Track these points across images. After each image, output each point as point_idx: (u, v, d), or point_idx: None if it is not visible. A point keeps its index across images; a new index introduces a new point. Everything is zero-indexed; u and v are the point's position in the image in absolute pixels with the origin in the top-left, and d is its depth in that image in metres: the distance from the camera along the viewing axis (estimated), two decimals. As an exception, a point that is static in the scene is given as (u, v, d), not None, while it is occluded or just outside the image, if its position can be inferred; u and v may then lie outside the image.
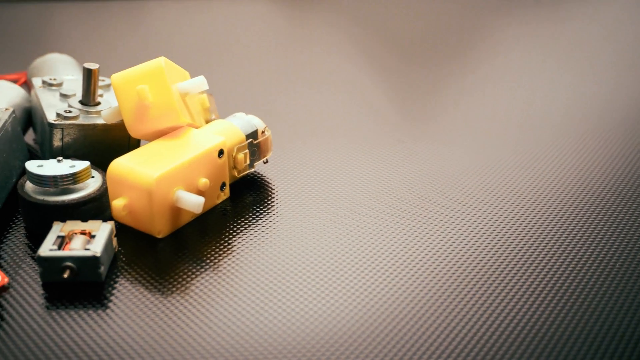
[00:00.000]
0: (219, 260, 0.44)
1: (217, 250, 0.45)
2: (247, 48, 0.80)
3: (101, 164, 0.50)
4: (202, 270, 0.43)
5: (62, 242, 0.42)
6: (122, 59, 0.76)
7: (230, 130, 0.49)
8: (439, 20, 0.90)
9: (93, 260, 0.41)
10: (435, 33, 0.85)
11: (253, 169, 0.51)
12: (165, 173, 0.44)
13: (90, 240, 0.42)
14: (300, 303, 0.40)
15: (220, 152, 0.47)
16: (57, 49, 0.78)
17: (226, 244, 0.46)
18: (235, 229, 0.47)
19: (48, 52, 0.65)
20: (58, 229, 0.43)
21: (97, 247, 0.41)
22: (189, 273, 0.43)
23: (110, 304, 0.40)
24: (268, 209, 0.49)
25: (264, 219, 0.48)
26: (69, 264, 0.41)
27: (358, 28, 0.87)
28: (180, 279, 0.42)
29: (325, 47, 0.80)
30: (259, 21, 0.89)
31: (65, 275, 0.40)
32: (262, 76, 0.73)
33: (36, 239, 0.46)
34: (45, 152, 0.51)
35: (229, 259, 0.44)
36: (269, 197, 0.50)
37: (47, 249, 0.41)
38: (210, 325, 0.39)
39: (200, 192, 0.46)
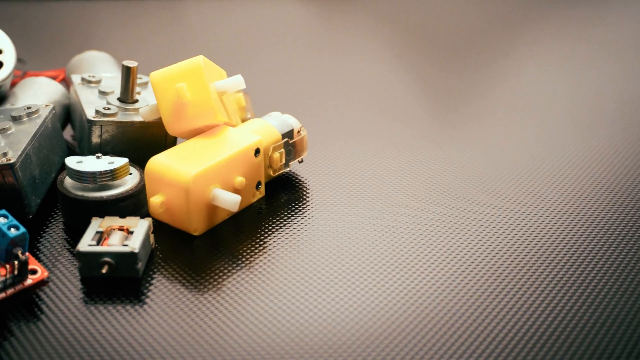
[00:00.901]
0: (254, 259, 0.44)
1: (252, 248, 0.45)
2: (280, 48, 0.81)
3: (138, 160, 0.51)
4: (237, 268, 0.43)
5: (100, 237, 0.42)
6: (158, 57, 0.77)
7: (267, 129, 0.50)
8: (476, 24, 0.89)
9: (131, 256, 0.41)
10: (472, 37, 0.85)
11: (288, 169, 0.51)
12: (202, 171, 0.44)
13: (128, 236, 0.43)
14: (336, 303, 0.40)
15: (257, 151, 0.48)
16: (95, 47, 0.79)
17: (261, 242, 0.46)
18: (269, 227, 0.47)
19: (86, 50, 0.66)
20: (97, 224, 0.43)
21: (135, 243, 0.41)
22: (224, 270, 0.43)
23: (147, 300, 0.41)
24: (302, 208, 0.49)
25: (298, 218, 0.48)
26: (107, 259, 0.41)
27: (391, 29, 0.86)
28: (215, 276, 0.43)
29: (359, 49, 0.80)
30: (294, 21, 0.89)
31: (104, 271, 0.41)
32: (297, 76, 0.73)
33: (74, 234, 0.46)
34: (84, 148, 0.52)
35: (263, 258, 0.44)
36: (304, 197, 0.51)
37: (86, 244, 0.42)
38: (246, 322, 0.39)
39: (236, 191, 0.47)
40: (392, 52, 0.79)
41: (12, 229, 0.40)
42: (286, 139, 0.50)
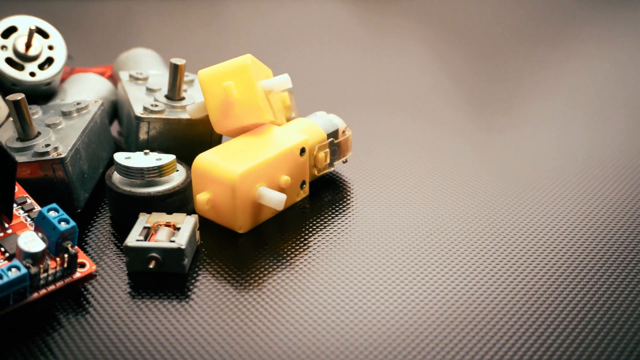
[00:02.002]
0: (297, 258, 0.44)
1: (295, 247, 0.45)
2: (321, 47, 0.81)
3: (184, 157, 0.51)
4: (281, 266, 0.43)
5: (147, 233, 0.43)
6: (202, 54, 0.78)
7: (312, 128, 0.50)
8: (521, 27, 0.88)
9: (178, 252, 0.41)
10: (517, 40, 0.84)
11: (332, 168, 0.51)
12: (249, 169, 0.44)
13: (174, 232, 0.43)
14: (381, 304, 0.40)
15: (302, 151, 0.48)
16: (139, 44, 0.79)
17: (304, 241, 0.46)
18: (313, 226, 0.47)
19: (133, 47, 0.67)
20: (144, 220, 0.44)
21: (182, 240, 0.42)
22: (269, 268, 0.43)
23: (192, 295, 0.41)
24: (346, 208, 0.49)
25: (341, 218, 0.48)
26: (154, 254, 0.42)
27: (432, 32, 0.86)
28: (260, 274, 0.43)
29: (400, 50, 0.80)
30: (334, 21, 0.89)
31: (151, 266, 0.42)
32: (339, 76, 0.73)
33: (121, 229, 0.47)
34: (131, 144, 0.52)
35: (306, 257, 0.44)
36: (347, 197, 0.51)
37: (134, 239, 0.42)
38: (291, 321, 0.39)
39: (281, 189, 0.47)
40: (433, 54, 0.79)
41: (63, 223, 0.40)
42: (331, 139, 0.50)
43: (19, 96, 0.46)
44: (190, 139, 0.52)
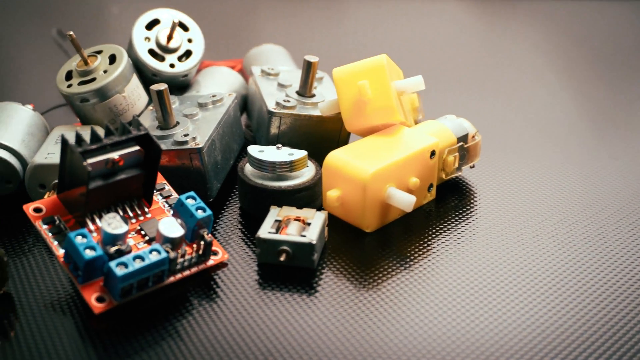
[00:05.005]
0: (419, 261, 0.44)
1: (419, 249, 0.45)
2: (446, 49, 0.80)
3: (311, 153, 0.52)
4: (406, 267, 0.44)
5: (278, 226, 0.44)
6: (326, 52, 0.78)
7: (443, 131, 0.50)
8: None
9: (308, 247, 0.42)
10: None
11: (460, 173, 0.51)
12: (380, 169, 0.45)
13: (305, 227, 0.44)
14: (503, 314, 0.40)
15: (432, 153, 0.48)
16: (264, 40, 0.81)
17: (429, 243, 0.46)
18: (438, 230, 0.47)
19: (260, 43, 0.68)
20: (275, 213, 0.45)
21: (312, 235, 0.43)
22: (394, 268, 0.44)
23: (319, 289, 0.42)
24: (471, 214, 0.49)
25: (466, 223, 0.48)
26: (285, 247, 0.42)
27: (564, 40, 0.84)
28: (385, 272, 0.43)
29: (529, 56, 0.79)
30: (457, 23, 0.88)
31: (282, 259, 0.42)
32: (464, 79, 0.72)
33: (249, 219, 0.48)
34: (261, 138, 0.53)
35: (430, 260, 0.44)
36: (473, 203, 0.50)
37: (266, 231, 0.43)
38: (415, 321, 0.39)
39: (409, 191, 0.47)
40: (561, 62, 0.77)
41: (199, 211, 0.42)
42: (461, 143, 0.50)
43: (162, 86, 0.48)
44: (319, 135, 0.53)
